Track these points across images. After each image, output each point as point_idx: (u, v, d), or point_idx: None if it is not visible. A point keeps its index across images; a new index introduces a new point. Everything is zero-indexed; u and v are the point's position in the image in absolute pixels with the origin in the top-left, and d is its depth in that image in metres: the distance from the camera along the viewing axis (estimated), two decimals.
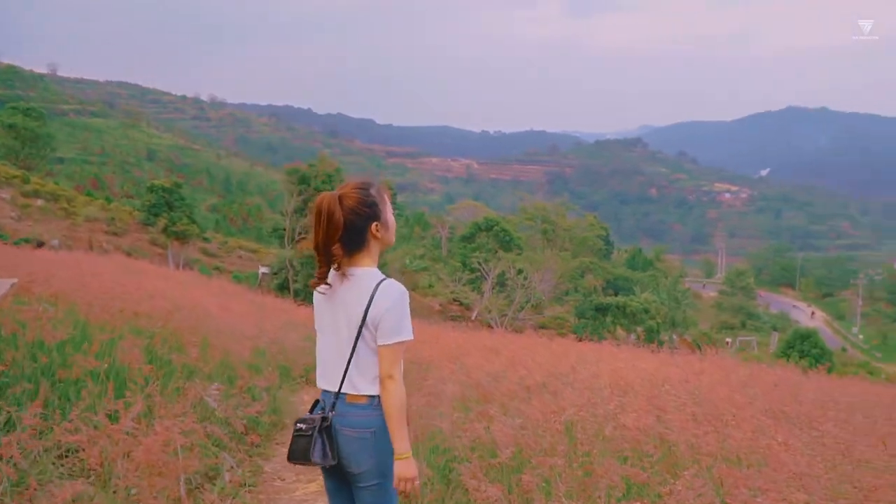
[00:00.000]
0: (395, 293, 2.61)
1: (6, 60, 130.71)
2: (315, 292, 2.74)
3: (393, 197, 69.71)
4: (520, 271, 40.33)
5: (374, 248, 2.71)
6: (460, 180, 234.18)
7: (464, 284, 44.07)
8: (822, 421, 4.74)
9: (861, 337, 71.22)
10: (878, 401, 6.29)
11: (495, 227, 49.86)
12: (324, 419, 2.65)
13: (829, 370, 35.24)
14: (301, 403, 7.37)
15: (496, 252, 46.60)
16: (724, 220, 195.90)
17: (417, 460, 4.41)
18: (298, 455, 2.67)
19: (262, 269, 38.32)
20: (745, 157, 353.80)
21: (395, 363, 2.58)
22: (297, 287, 31.45)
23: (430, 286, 47.64)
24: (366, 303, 2.60)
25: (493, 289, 41.02)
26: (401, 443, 2.59)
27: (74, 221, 40.68)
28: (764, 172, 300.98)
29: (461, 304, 44.39)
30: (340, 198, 2.64)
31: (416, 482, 2.65)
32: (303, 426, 2.67)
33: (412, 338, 2.64)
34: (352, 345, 2.63)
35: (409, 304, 2.69)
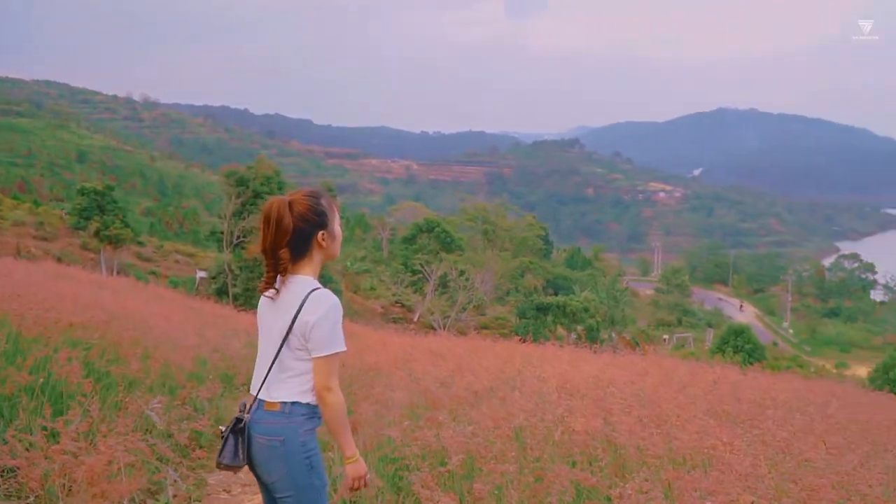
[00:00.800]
0: (325, 304, 2.60)
1: None
2: (262, 296, 2.75)
3: (332, 198, 69.61)
4: (461, 272, 40.49)
5: (317, 257, 2.72)
6: (400, 181, 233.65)
7: (406, 286, 44.03)
8: (761, 420, 4.88)
9: (791, 331, 73.60)
10: (812, 398, 6.52)
11: (436, 229, 49.96)
12: (237, 420, 2.65)
13: (763, 365, 36.41)
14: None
15: (438, 253, 46.72)
16: (659, 219, 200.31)
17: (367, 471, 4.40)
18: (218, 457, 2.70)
19: (200, 274, 37.58)
20: (679, 157, 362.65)
21: (332, 374, 2.60)
22: (236, 292, 30.91)
23: (372, 288, 47.46)
24: (294, 311, 2.61)
25: (435, 290, 41.08)
26: (347, 448, 2.65)
27: (1, 226, 39.18)
28: (697, 172, 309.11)
29: (403, 305, 44.34)
30: (290, 203, 2.65)
31: (367, 477, 2.72)
32: (222, 428, 2.69)
33: (345, 349, 2.65)
34: (276, 351, 2.64)
35: (352, 306, 2.73)
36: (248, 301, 30.04)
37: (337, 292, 27.34)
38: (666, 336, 58.69)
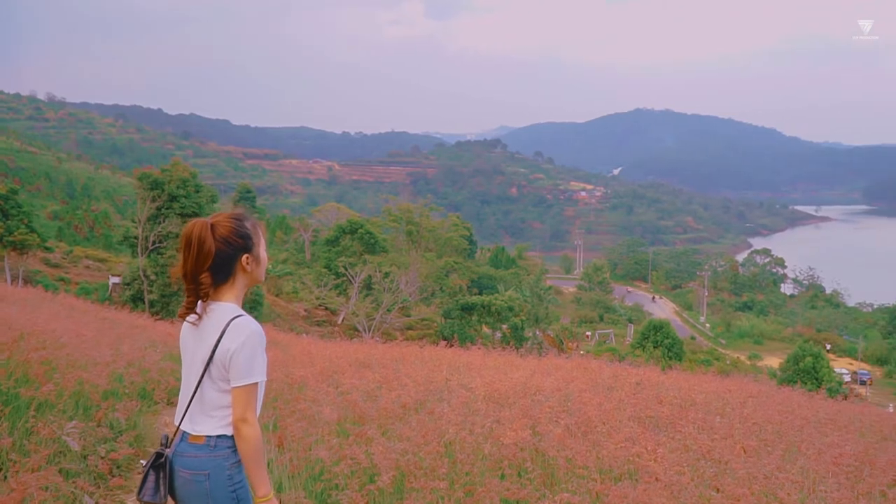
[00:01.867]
0: (245, 332, 2.53)
1: None
2: (184, 322, 2.66)
3: (252, 200, 68.14)
4: (386, 274, 40.31)
5: (240, 281, 2.64)
6: (322, 182, 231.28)
7: (329, 289, 43.56)
8: (683, 423, 5.00)
9: (708, 325, 76.14)
10: (729, 398, 6.72)
11: (360, 230, 49.59)
12: (157, 455, 2.58)
13: (680, 359, 37.58)
14: (164, 427, 7.02)
15: (362, 255, 46.41)
16: (580, 218, 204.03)
17: (295, 489, 4.30)
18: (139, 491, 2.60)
19: (113, 280, 36.34)
20: (598, 157, 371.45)
21: (249, 406, 2.52)
22: (152, 298, 29.96)
23: (295, 291, 46.78)
24: (215, 339, 2.53)
25: (359, 292, 40.77)
26: (261, 486, 2.55)
27: None
28: (616, 171, 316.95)
29: (327, 308, 43.86)
30: (212, 226, 2.57)
31: None
32: (143, 462, 2.63)
33: (265, 378, 2.59)
34: (196, 381, 2.57)
35: (275, 309, 2.65)
36: (164, 308, 29.16)
37: (258, 296, 26.38)
38: (589, 333, 59.90)
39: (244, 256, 2.60)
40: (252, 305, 30.10)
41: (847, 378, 48.71)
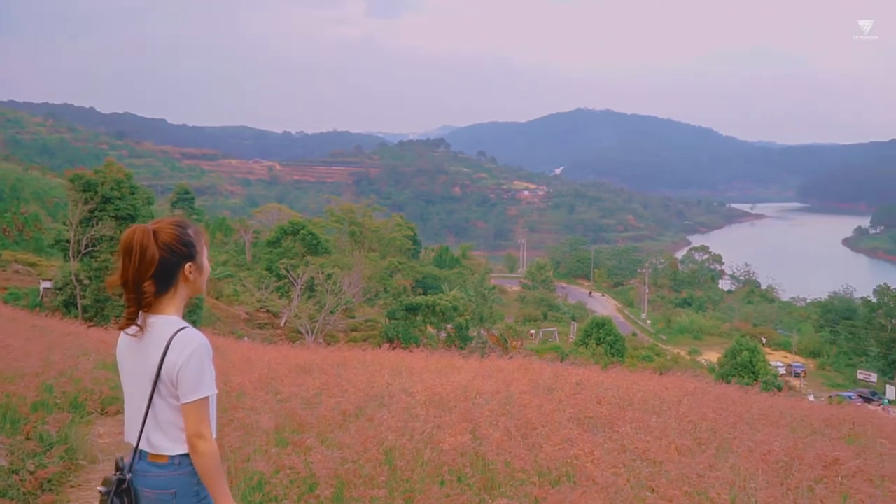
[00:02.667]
0: (191, 345, 2.45)
1: None
2: (122, 334, 2.54)
3: (191, 201, 66.76)
4: (329, 276, 39.95)
5: (182, 292, 2.56)
6: (262, 182, 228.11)
7: (271, 291, 43.01)
8: (620, 423, 5.07)
9: (649, 322, 77.64)
10: (666, 396, 6.85)
11: (302, 231, 49.09)
12: (120, 481, 2.49)
13: (623, 355, 38.26)
14: (96, 437, 6.82)
15: (304, 256, 45.94)
16: (524, 217, 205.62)
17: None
18: None
19: (44, 285, 35.17)
20: (541, 156, 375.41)
21: (203, 421, 2.45)
22: (85, 304, 29.10)
23: (236, 294, 46.02)
24: (160, 355, 2.45)
25: (301, 295, 40.33)
26: (224, 500, 2.49)
27: None
28: (558, 171, 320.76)
29: (269, 311, 43.29)
30: (155, 232, 2.47)
31: None
32: (103, 489, 2.50)
33: (215, 392, 2.52)
34: (147, 399, 2.48)
35: (215, 313, 2.59)
36: (98, 313, 28.38)
37: (198, 299, 25.79)
38: (533, 331, 60.38)
39: (187, 265, 2.52)
40: (192, 309, 29.46)
41: (782, 371, 50.34)
